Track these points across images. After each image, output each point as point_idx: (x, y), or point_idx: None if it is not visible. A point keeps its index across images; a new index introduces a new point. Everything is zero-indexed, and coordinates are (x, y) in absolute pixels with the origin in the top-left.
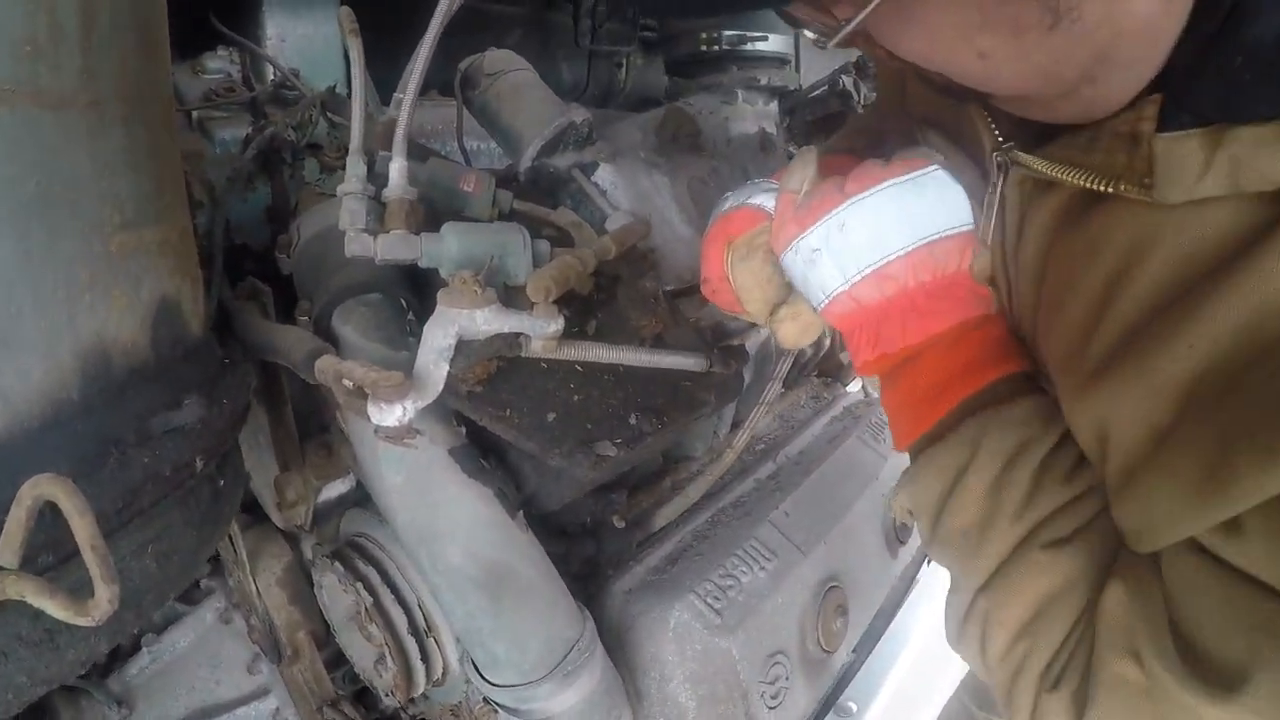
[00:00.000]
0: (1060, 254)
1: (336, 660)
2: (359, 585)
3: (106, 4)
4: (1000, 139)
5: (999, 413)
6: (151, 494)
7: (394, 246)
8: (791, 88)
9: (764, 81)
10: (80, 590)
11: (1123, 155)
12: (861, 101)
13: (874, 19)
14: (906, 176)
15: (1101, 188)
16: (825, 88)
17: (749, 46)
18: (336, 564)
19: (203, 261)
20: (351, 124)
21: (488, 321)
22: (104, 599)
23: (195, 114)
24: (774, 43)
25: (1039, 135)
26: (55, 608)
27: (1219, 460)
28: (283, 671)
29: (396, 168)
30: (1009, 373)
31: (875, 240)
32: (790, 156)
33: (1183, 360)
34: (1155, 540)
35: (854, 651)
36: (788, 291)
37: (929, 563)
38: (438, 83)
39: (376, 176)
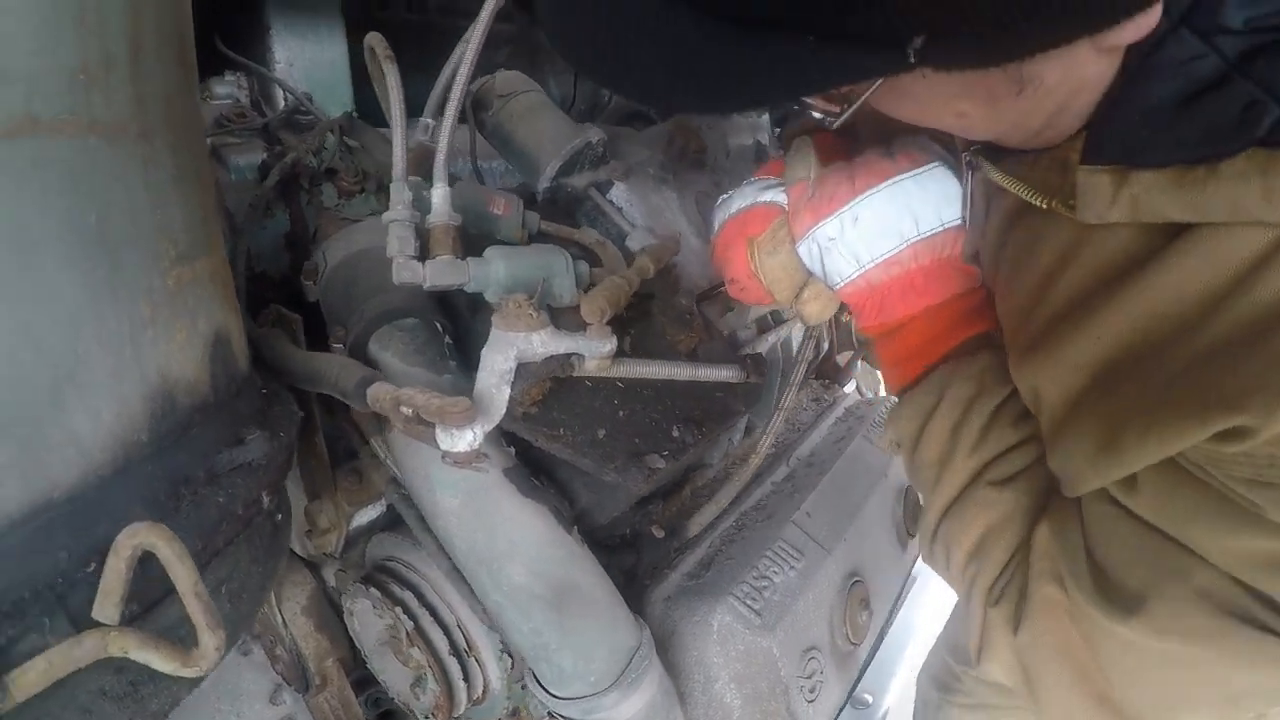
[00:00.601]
0: (1010, 246)
1: (358, 685)
2: (398, 610)
3: (151, 29)
4: (970, 143)
5: (962, 364)
6: (226, 533)
7: (442, 272)
8: None
9: None
10: (176, 636)
11: (1056, 177)
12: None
13: (872, 95)
14: (913, 173)
15: (1039, 203)
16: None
17: None
18: (371, 589)
19: None
20: (394, 150)
21: (544, 344)
22: (210, 647)
23: (209, 141)
24: None
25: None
26: (161, 661)
27: (1113, 429)
28: (309, 701)
29: (440, 194)
30: (977, 332)
31: (885, 232)
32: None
33: (1093, 345)
34: (1076, 488)
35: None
36: (806, 274)
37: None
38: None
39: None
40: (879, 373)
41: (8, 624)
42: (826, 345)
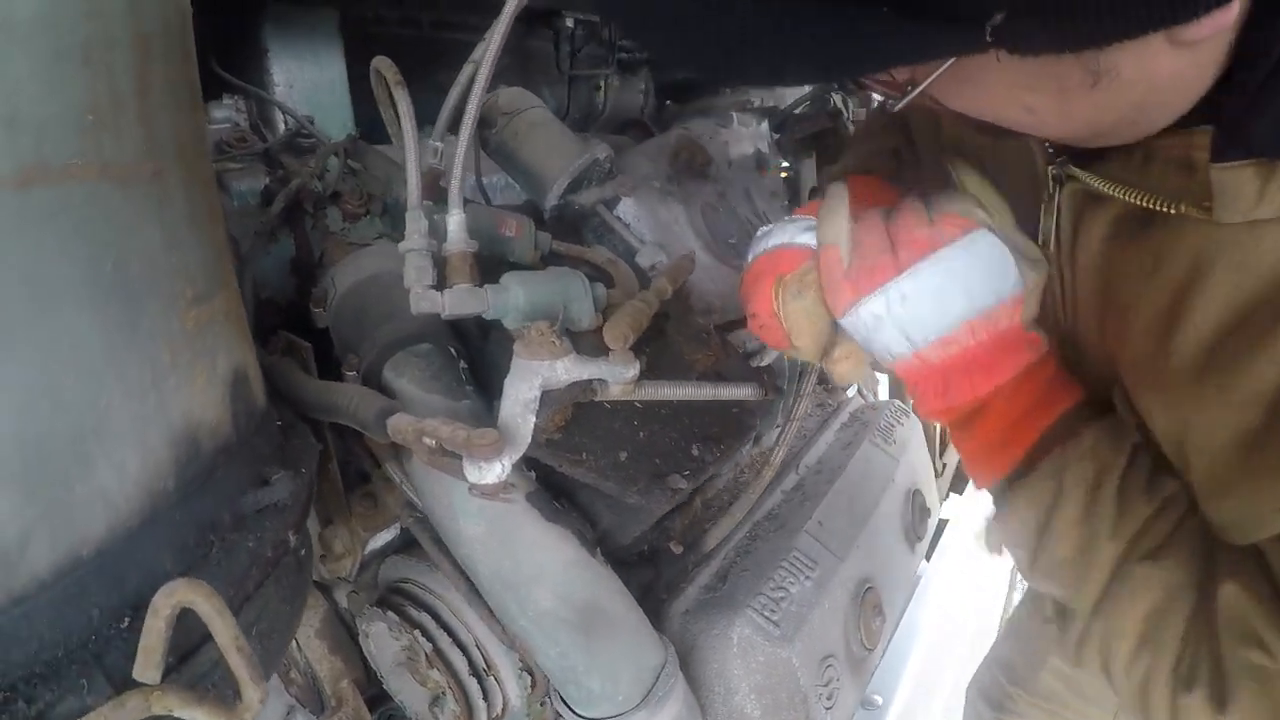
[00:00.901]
0: (1122, 263)
1: (372, 703)
2: (416, 633)
3: (159, 63)
4: (1051, 152)
5: (1072, 446)
6: (255, 577)
7: (462, 301)
8: (784, 106)
9: (756, 103)
10: (217, 690)
11: (1178, 179)
12: (850, 118)
13: (938, 79)
14: (957, 243)
15: (1164, 208)
16: (808, 103)
17: None
18: (388, 612)
19: None
20: (409, 178)
21: (568, 371)
22: (254, 700)
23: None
24: None
25: (1086, 150)
26: (206, 717)
27: None
28: None
29: (455, 221)
30: (1070, 407)
31: (937, 310)
32: (783, 169)
33: (1266, 375)
34: (1253, 533)
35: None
36: (831, 328)
37: (928, 558)
38: (421, 118)
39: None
40: (881, 376)
41: (45, 687)
42: None
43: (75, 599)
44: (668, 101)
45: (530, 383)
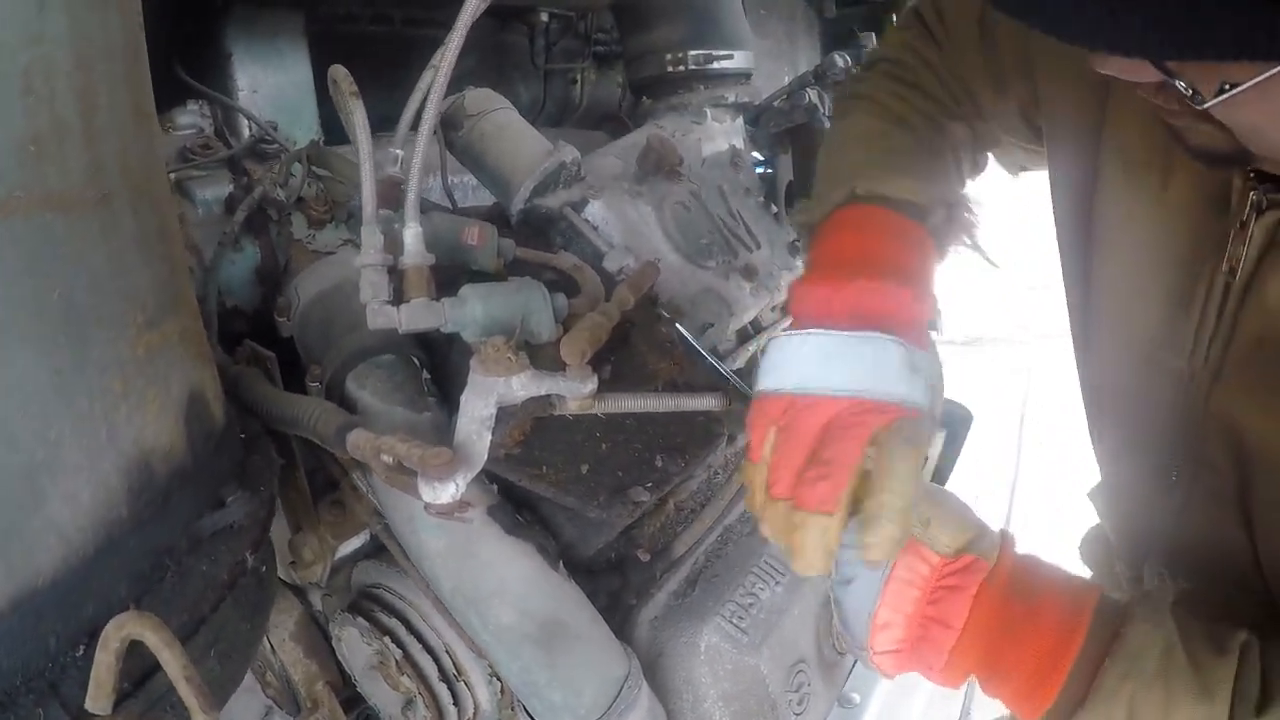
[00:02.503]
0: None
1: (348, 704)
2: (387, 639)
3: (104, 86)
4: (1252, 177)
5: (1119, 658)
6: (211, 600)
7: (418, 316)
8: (758, 101)
9: (731, 99)
10: (156, 709)
11: None
12: (826, 112)
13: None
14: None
15: None
16: (784, 98)
17: (715, 65)
18: (359, 619)
19: None
20: (363, 192)
21: (524, 387)
22: None
23: (174, 175)
24: (740, 59)
25: None
26: None
27: None
28: None
29: (412, 234)
30: (1091, 619)
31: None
32: (758, 165)
33: None
34: None
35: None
36: None
37: None
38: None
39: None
40: None
41: (3, 717)
42: None
43: (31, 629)
44: (643, 98)
45: (486, 400)
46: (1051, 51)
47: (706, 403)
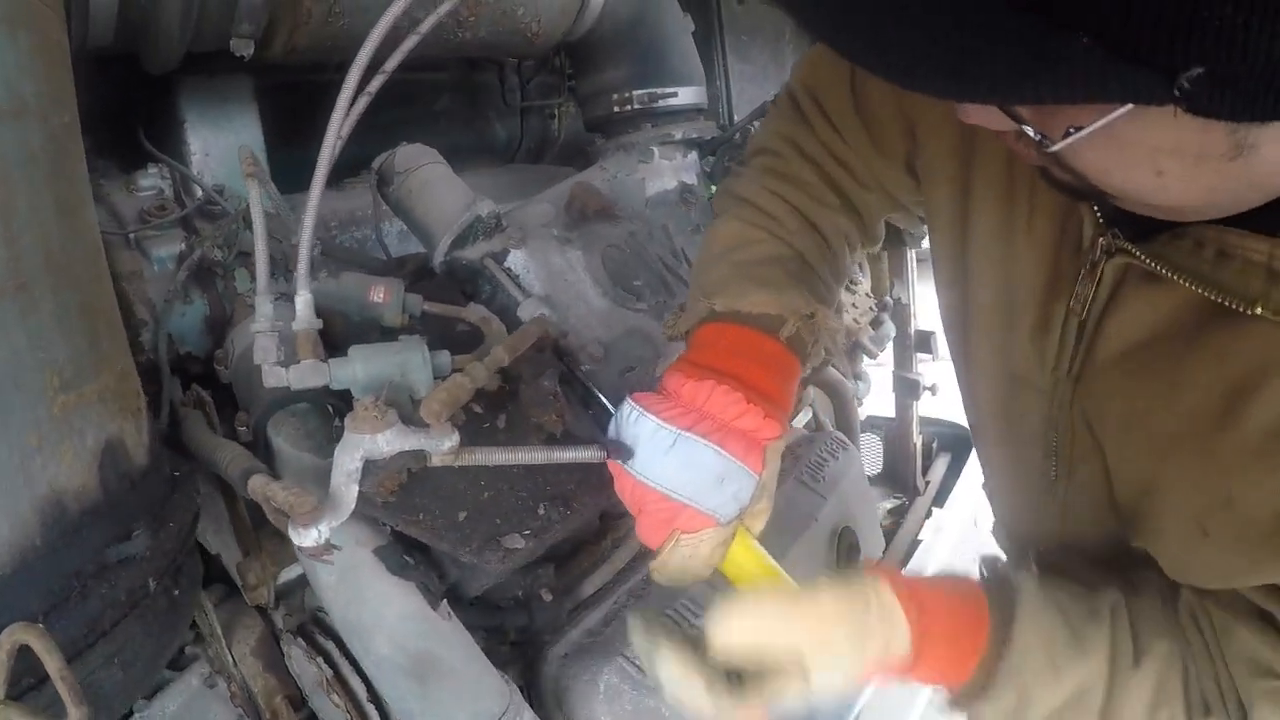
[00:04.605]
0: (1176, 343)
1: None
2: (320, 659)
3: (23, 191)
4: (1101, 221)
5: (1013, 651)
6: (111, 617)
7: (305, 375)
8: (708, 137)
9: (679, 136)
10: (56, 707)
11: (1259, 283)
12: None
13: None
14: None
15: (1240, 308)
16: (738, 134)
17: (661, 104)
18: (299, 639)
19: (152, 375)
20: (256, 267)
21: (389, 443)
22: (75, 718)
23: (133, 234)
24: (686, 96)
25: (1137, 225)
26: None
27: None
28: None
29: (302, 301)
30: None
31: None
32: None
33: None
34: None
35: None
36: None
37: None
38: (367, 160)
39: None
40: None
41: None
42: None
43: None
44: (596, 137)
45: (353, 455)
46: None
47: (584, 454)
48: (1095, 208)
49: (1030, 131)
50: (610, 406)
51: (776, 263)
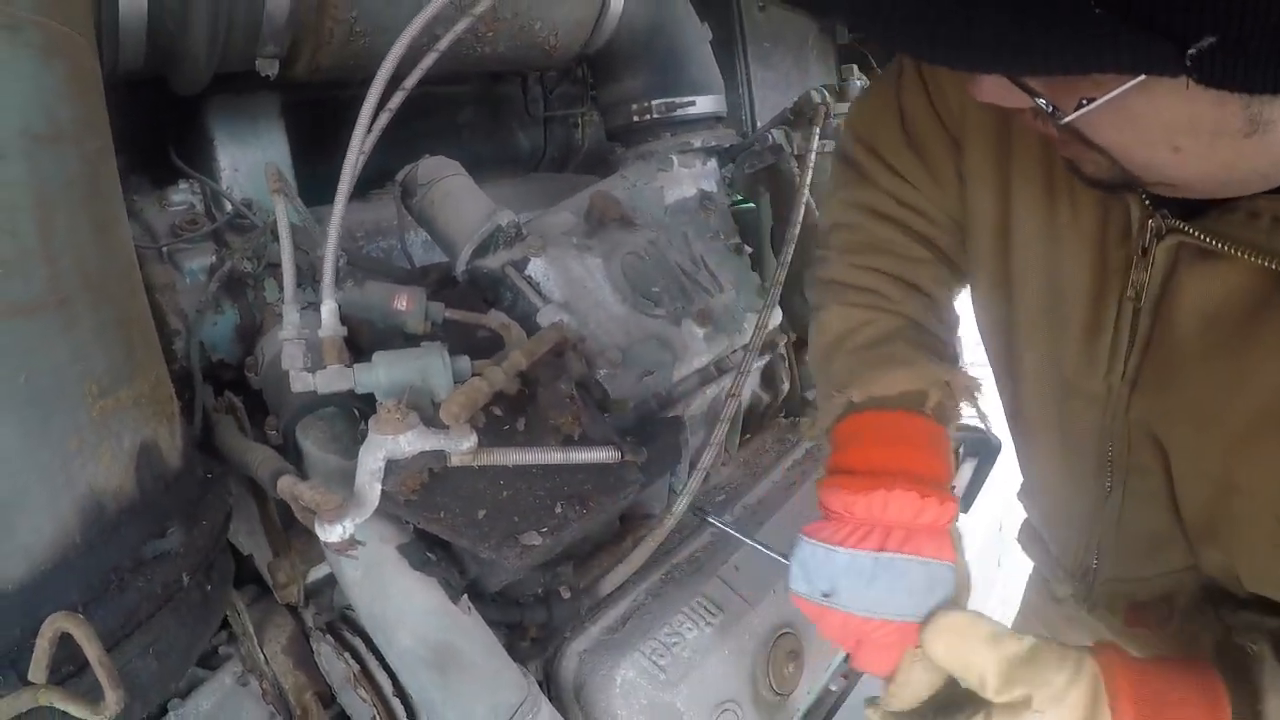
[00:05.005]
0: (1241, 326)
1: (344, 716)
2: (348, 655)
3: (63, 214)
4: (1148, 203)
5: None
6: (147, 609)
7: (331, 381)
8: (727, 144)
9: (698, 144)
10: (95, 692)
11: None
12: (794, 151)
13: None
14: None
15: None
16: (756, 142)
17: (679, 113)
18: (328, 636)
19: (185, 382)
20: (284, 278)
21: (411, 443)
22: (112, 702)
23: (165, 247)
24: (704, 104)
25: (1186, 206)
26: (76, 710)
27: None
28: None
29: (328, 309)
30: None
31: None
32: (734, 204)
33: None
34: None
35: (845, 677)
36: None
37: None
38: (393, 171)
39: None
40: None
41: None
42: (787, 385)
43: (1, 621)
44: (617, 146)
45: (375, 455)
46: (963, 106)
47: (599, 455)
48: (1142, 191)
49: (1043, 103)
50: (781, 558)
51: (895, 337)
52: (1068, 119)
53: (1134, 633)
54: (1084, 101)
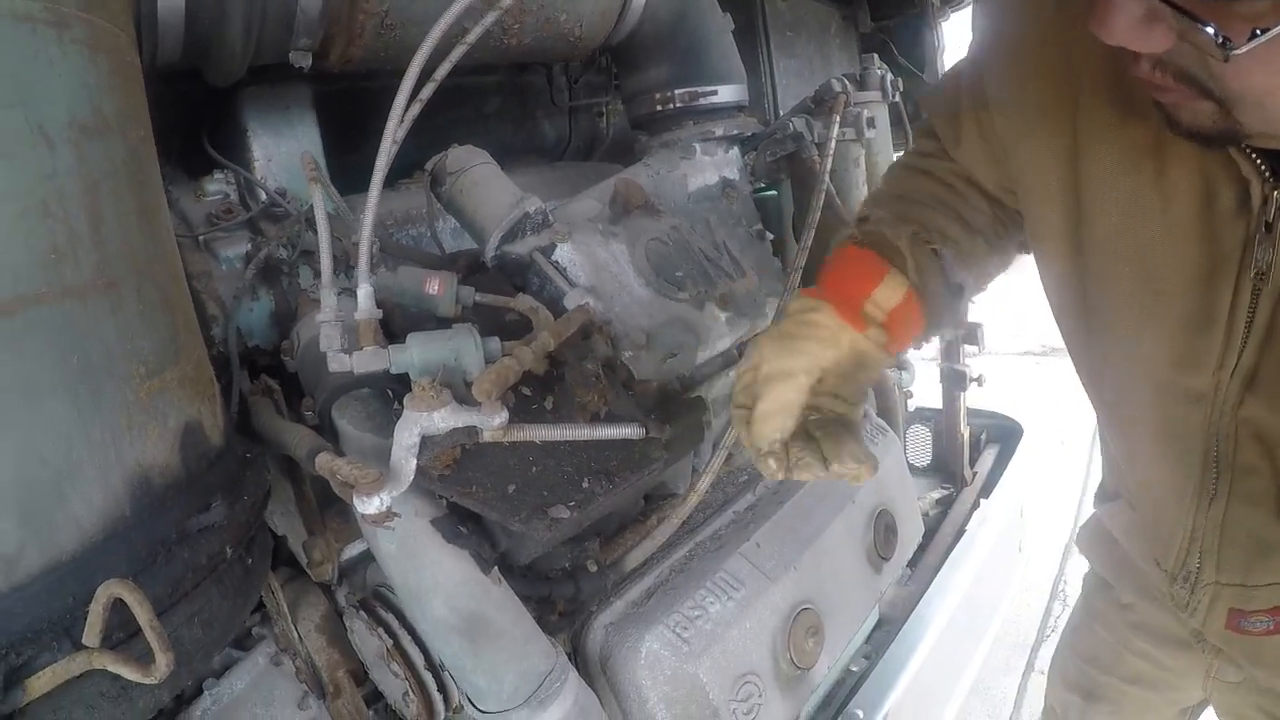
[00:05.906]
0: None
1: (376, 694)
2: (381, 630)
3: (110, 201)
4: (1266, 173)
5: None
6: (193, 579)
7: (367, 361)
8: (749, 133)
9: (720, 132)
10: (145, 656)
11: None
12: (814, 139)
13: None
14: None
15: None
16: (778, 130)
17: (702, 102)
18: (361, 612)
19: (222, 366)
20: (321, 263)
21: (444, 420)
22: (162, 664)
23: (202, 236)
24: (726, 94)
25: None
26: (128, 672)
27: None
28: (329, 707)
29: (363, 293)
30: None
31: None
32: (756, 190)
33: None
34: None
35: (866, 658)
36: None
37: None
38: (421, 161)
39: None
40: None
41: (29, 647)
42: None
43: (56, 590)
44: (640, 135)
45: (411, 430)
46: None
47: (624, 431)
48: (1257, 159)
49: (1211, 31)
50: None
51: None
52: (1240, 49)
53: (1235, 637)
54: (1258, 31)
